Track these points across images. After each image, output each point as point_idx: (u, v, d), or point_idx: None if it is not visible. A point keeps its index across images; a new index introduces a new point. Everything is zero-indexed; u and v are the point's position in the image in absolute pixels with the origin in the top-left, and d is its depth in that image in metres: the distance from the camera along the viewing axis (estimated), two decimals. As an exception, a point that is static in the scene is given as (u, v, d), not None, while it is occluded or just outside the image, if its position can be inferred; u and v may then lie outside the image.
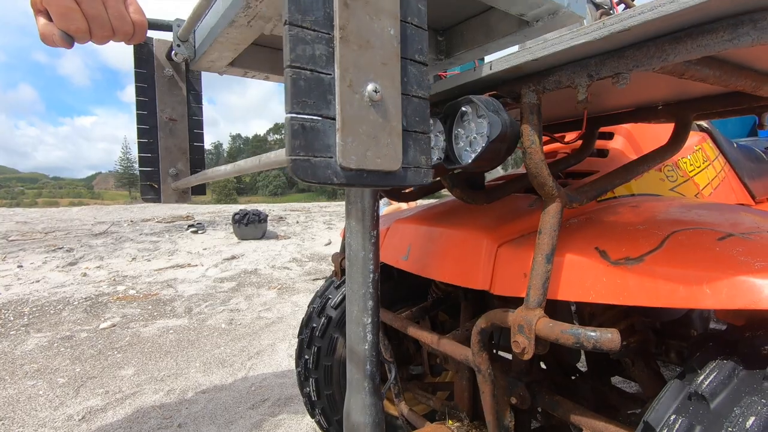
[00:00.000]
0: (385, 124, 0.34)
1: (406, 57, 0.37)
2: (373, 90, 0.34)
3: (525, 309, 0.56)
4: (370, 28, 0.34)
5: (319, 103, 0.31)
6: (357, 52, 0.33)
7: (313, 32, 0.31)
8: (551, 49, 0.45)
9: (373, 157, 0.34)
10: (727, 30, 0.36)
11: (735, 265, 0.47)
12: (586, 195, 0.60)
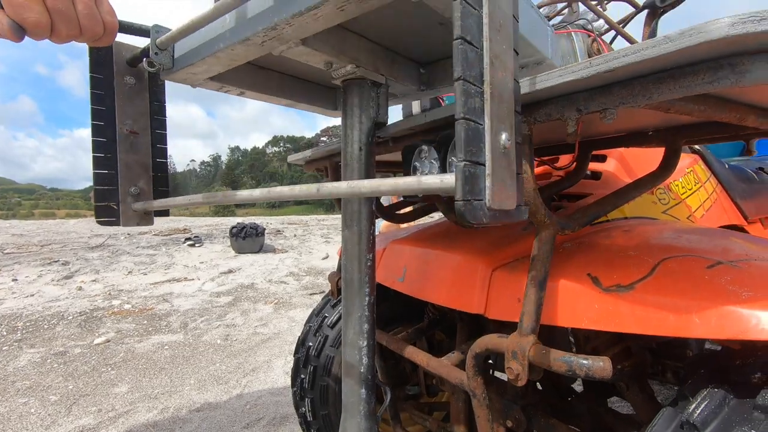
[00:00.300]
0: (508, 168, 0.39)
1: (514, 109, 0.42)
2: (507, 139, 0.38)
3: (519, 335, 0.57)
4: (502, 82, 0.38)
5: (477, 152, 0.36)
6: (497, 103, 0.38)
7: (474, 87, 0.35)
8: (541, 85, 0.47)
9: (505, 199, 0.38)
10: (708, 73, 0.37)
11: (723, 295, 0.48)
12: (578, 222, 0.61)
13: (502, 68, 0.38)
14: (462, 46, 0.34)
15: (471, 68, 0.35)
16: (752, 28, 0.31)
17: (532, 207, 0.56)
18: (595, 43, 1.03)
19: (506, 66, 0.39)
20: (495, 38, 0.37)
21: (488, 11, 0.36)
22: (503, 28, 0.39)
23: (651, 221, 0.84)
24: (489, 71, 0.36)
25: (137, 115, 0.76)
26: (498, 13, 0.38)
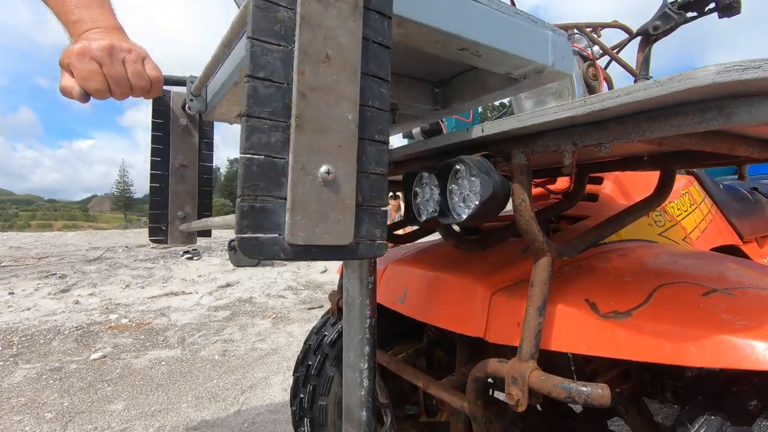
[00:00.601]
0: (337, 201, 0.37)
1: (365, 138, 0.39)
2: (326, 171, 0.36)
3: (518, 361, 0.57)
4: (327, 114, 0.36)
5: (270, 186, 0.34)
6: (312, 137, 0.36)
7: (270, 122, 0.34)
8: (538, 119, 0.48)
9: (322, 233, 0.36)
10: (696, 114, 0.39)
11: (718, 324, 0.49)
12: (576, 248, 0.62)
13: (332, 100, 0.37)
14: (251, 83, 0.34)
15: (264, 104, 0.34)
16: (737, 76, 0.33)
17: (530, 235, 0.57)
18: (591, 68, 1.05)
19: (341, 96, 0.37)
20: (316, 71, 0.36)
21: (300, 45, 0.35)
22: (336, 58, 0.37)
23: (647, 244, 0.85)
24: (298, 105, 0.35)
25: (187, 151, 0.86)
26: (321, 44, 0.36)
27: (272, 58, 0.34)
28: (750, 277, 0.63)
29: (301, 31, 0.34)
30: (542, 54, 0.62)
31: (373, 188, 0.39)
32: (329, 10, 0.35)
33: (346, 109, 0.37)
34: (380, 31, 0.39)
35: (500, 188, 0.53)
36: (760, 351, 0.45)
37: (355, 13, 0.37)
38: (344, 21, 0.36)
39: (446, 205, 0.60)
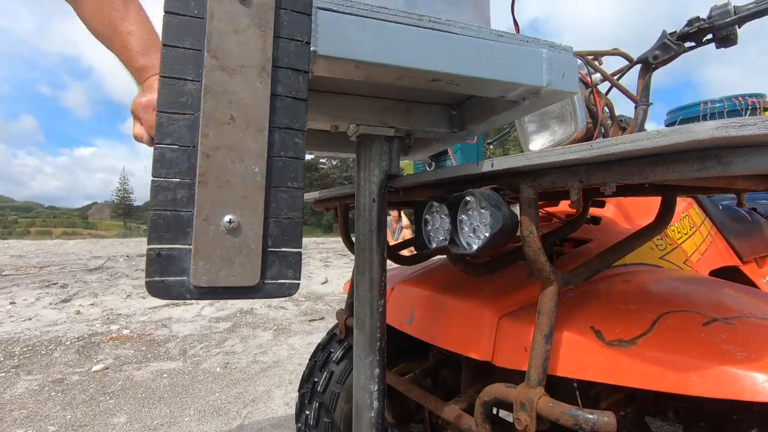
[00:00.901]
0: (241, 247, 0.39)
1: (275, 186, 0.42)
2: (228, 221, 0.39)
3: (527, 387, 0.59)
4: (231, 170, 0.39)
5: (176, 236, 0.37)
6: (215, 191, 0.38)
7: (176, 180, 0.37)
8: (545, 159, 0.51)
9: (226, 276, 0.39)
10: (696, 162, 0.41)
11: (719, 354, 0.51)
12: (581, 276, 0.65)
13: (236, 156, 0.39)
14: (158, 149, 0.37)
15: (170, 166, 0.37)
16: (734, 132, 0.36)
17: (538, 265, 0.59)
18: (592, 95, 1.09)
19: (245, 152, 0.40)
20: (220, 132, 0.39)
21: (204, 112, 0.38)
22: (241, 118, 0.40)
23: (650, 269, 0.88)
24: (202, 164, 0.38)
25: None
26: (226, 108, 0.39)
27: (178, 126, 0.37)
28: (749, 305, 0.65)
29: (206, 100, 0.37)
30: (535, 74, 0.62)
31: (284, 232, 0.41)
32: (235, 77, 0.38)
33: (252, 163, 0.40)
34: (293, 85, 0.42)
35: (509, 221, 0.56)
36: (760, 383, 0.47)
37: (262, 74, 0.39)
38: (250, 84, 0.39)
39: (456, 235, 0.63)
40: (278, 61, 0.41)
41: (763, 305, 0.67)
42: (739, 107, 2.04)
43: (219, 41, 0.37)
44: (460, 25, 0.57)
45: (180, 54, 0.36)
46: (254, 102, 0.40)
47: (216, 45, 0.37)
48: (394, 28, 0.51)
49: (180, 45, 0.36)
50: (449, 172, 0.66)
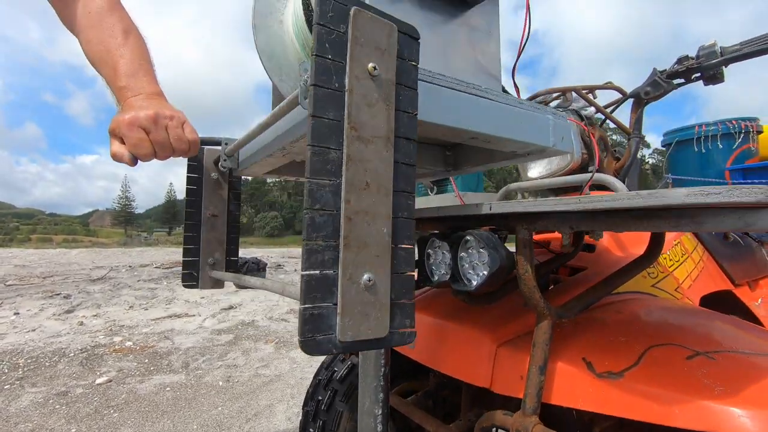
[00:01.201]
0: (375, 302, 0.44)
1: (396, 245, 0.46)
2: (367, 279, 0.43)
3: (522, 415, 0.63)
4: (367, 232, 0.44)
5: (325, 296, 0.41)
6: (356, 251, 0.43)
7: (324, 243, 0.41)
8: (539, 208, 0.56)
9: (365, 330, 0.43)
10: (672, 219, 0.46)
11: (700, 388, 0.56)
12: (573, 310, 0.69)
13: (370, 219, 0.44)
14: (309, 215, 0.40)
15: (319, 230, 0.41)
16: (701, 199, 0.41)
17: (533, 301, 0.64)
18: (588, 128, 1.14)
19: (377, 215, 0.45)
20: (358, 197, 0.43)
21: (346, 179, 0.42)
22: (374, 184, 0.44)
23: (641, 298, 0.92)
24: (345, 228, 0.42)
25: (218, 202, 0.93)
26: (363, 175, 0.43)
27: (325, 192, 0.41)
28: (731, 337, 0.70)
29: (347, 167, 0.42)
30: (544, 137, 0.70)
31: (403, 286, 0.46)
32: (369, 146, 0.43)
33: (381, 225, 0.44)
34: (408, 153, 0.47)
35: (506, 262, 0.61)
36: (737, 417, 0.51)
37: (388, 144, 0.44)
38: (380, 153, 0.44)
39: (457, 271, 0.67)
40: (398, 131, 0.46)
41: (744, 337, 0.71)
42: (733, 131, 2.09)
43: (356, 113, 0.42)
44: (494, 93, 0.63)
45: (325, 124, 0.40)
46: (383, 169, 0.45)
47: (354, 117, 0.42)
48: (449, 93, 0.57)
49: (325, 116, 0.40)
50: (451, 210, 0.71)
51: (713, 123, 2.15)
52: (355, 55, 0.42)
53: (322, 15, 0.41)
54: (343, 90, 0.42)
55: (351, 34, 0.42)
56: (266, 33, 0.81)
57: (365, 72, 0.42)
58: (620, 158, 1.19)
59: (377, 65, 0.43)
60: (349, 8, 0.41)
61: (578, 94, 1.15)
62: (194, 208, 0.91)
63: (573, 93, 1.15)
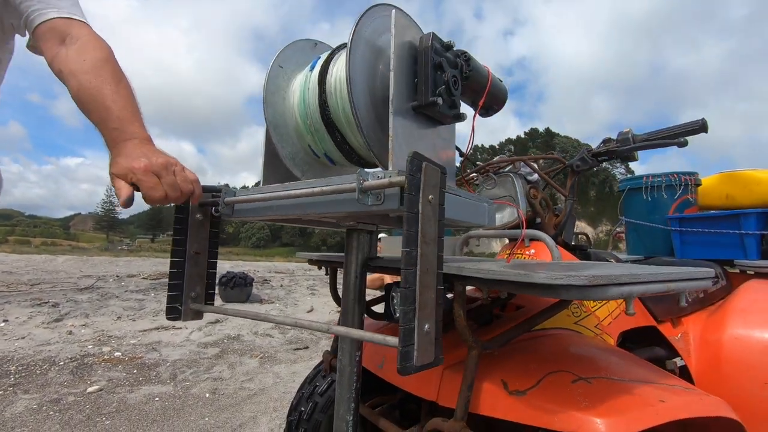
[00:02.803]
0: (430, 342, 0.70)
1: (437, 305, 0.72)
2: (428, 328, 0.69)
3: (454, 421, 0.87)
4: (426, 297, 0.68)
5: (410, 339, 0.65)
6: (423, 311, 0.67)
7: (408, 308, 0.65)
8: (465, 273, 0.80)
9: (426, 358, 0.68)
10: (539, 290, 0.71)
11: (574, 403, 0.79)
12: (497, 343, 0.93)
13: (427, 290, 0.68)
14: (403, 292, 0.65)
15: (407, 300, 0.64)
16: (552, 281, 0.65)
17: (464, 337, 0.88)
18: (533, 189, 1.41)
19: (430, 288, 0.69)
20: (423, 277, 0.67)
21: (420, 264, 0.66)
22: (429, 272, 0.68)
23: (560, 333, 1.17)
24: (419, 298, 0.66)
25: (201, 240, 1.06)
26: (425, 265, 0.67)
27: (410, 275, 0.64)
28: (611, 367, 0.94)
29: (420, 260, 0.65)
30: (481, 218, 0.95)
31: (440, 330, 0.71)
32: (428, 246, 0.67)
33: (432, 293, 0.69)
34: (441, 246, 0.71)
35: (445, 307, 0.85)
36: (593, 422, 0.75)
37: (437, 243, 0.70)
38: (433, 250, 0.69)
39: (412, 312, 0.91)
40: (440, 234, 0.71)
41: (622, 367, 0.96)
42: (674, 183, 2.39)
43: (423, 226, 0.66)
44: (459, 191, 0.88)
45: (411, 235, 0.64)
46: (434, 259, 0.69)
47: (423, 228, 0.66)
48: None
49: (410, 230, 0.64)
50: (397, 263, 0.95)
51: (659, 175, 2.46)
52: (424, 191, 0.67)
53: (410, 166, 0.65)
54: (418, 213, 0.66)
55: (423, 179, 0.66)
56: (273, 107, 1.06)
57: (427, 201, 0.67)
58: (559, 215, 1.46)
59: (433, 195, 0.68)
60: (422, 163, 0.66)
61: (525, 163, 1.41)
62: (180, 246, 1.02)
63: (521, 162, 1.41)
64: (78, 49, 0.85)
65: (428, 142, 0.91)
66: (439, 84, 0.85)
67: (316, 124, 0.98)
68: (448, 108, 0.89)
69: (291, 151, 1.04)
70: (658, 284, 0.78)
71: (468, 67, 0.92)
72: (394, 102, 0.81)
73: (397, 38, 0.82)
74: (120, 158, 0.77)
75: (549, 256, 1.31)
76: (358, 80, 0.83)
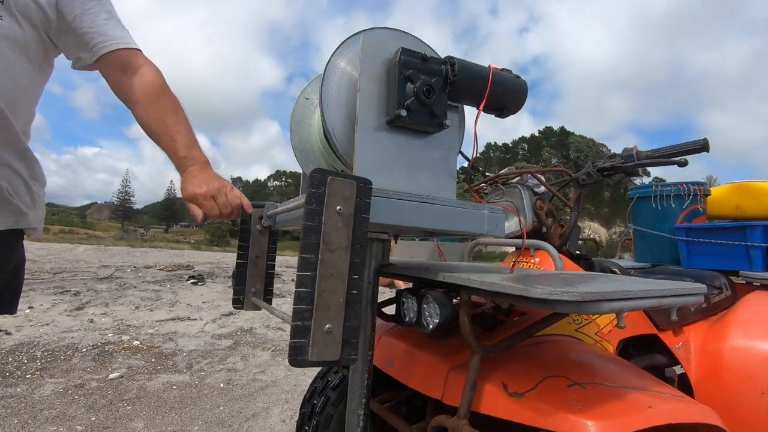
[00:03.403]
0: (331, 340, 0.75)
1: (347, 308, 0.79)
2: (328, 327, 0.76)
3: (457, 418, 0.94)
4: (330, 301, 0.76)
5: (305, 335, 0.72)
6: (323, 312, 0.73)
7: (304, 307, 0.73)
8: (469, 284, 0.87)
9: (325, 354, 0.74)
10: (536, 303, 0.78)
11: (569, 407, 0.86)
12: (499, 348, 1.00)
13: (331, 295, 0.73)
14: (299, 293, 0.72)
15: (304, 300, 0.71)
16: (546, 297, 0.72)
17: (468, 342, 0.95)
18: (539, 201, 1.47)
19: (336, 292, 0.74)
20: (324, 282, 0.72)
21: (320, 270, 0.74)
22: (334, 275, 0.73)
23: (561, 340, 1.23)
24: (317, 299, 0.72)
25: (261, 246, 1.22)
26: (326, 269, 0.75)
27: (308, 279, 0.71)
28: (606, 374, 1.01)
29: (320, 265, 0.71)
30: (479, 226, 1.01)
31: (351, 332, 0.76)
32: (334, 253, 0.74)
33: (339, 297, 0.75)
34: (358, 253, 0.77)
35: (450, 315, 0.93)
36: (584, 423, 0.82)
37: (347, 251, 0.75)
38: (341, 256, 0.73)
39: (420, 317, 0.99)
40: (354, 242, 0.77)
41: (617, 373, 1.02)
42: (683, 193, 2.43)
43: (327, 236, 0.73)
44: (441, 199, 0.95)
45: (309, 243, 0.71)
46: (342, 265, 0.75)
47: (326, 237, 0.73)
48: (408, 204, 0.89)
49: (309, 239, 0.71)
50: (420, 272, 1.03)
51: (668, 185, 2.49)
52: (329, 203, 0.74)
53: (311, 182, 0.72)
54: (321, 222, 0.73)
55: (327, 192, 0.73)
56: (299, 134, 1.15)
57: (334, 212, 0.74)
58: (564, 225, 1.52)
59: (342, 207, 0.75)
60: (326, 177, 0.73)
61: (533, 175, 1.48)
62: (244, 251, 1.21)
63: (529, 175, 1.48)
64: (138, 78, 1.02)
65: (416, 152, 0.97)
66: (408, 96, 0.90)
67: (326, 146, 1.07)
68: (427, 117, 0.92)
69: (315, 169, 1.13)
70: (649, 300, 0.85)
71: (453, 72, 0.93)
72: (363, 119, 0.88)
73: (367, 59, 0.89)
74: (188, 185, 0.98)
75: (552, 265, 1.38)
76: (333, 104, 0.91)
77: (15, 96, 1.02)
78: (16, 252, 1.14)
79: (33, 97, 1.09)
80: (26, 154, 1.06)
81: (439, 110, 0.94)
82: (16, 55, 1.00)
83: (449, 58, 0.96)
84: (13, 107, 1.00)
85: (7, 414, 2.40)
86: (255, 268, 1.21)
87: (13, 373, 2.99)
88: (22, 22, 0.98)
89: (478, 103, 1.00)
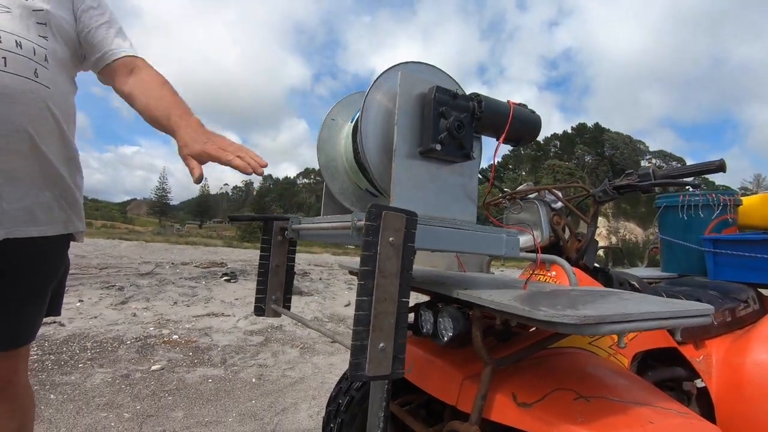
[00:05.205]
0: (384, 357, 0.85)
1: (397, 328, 0.88)
2: (382, 346, 0.84)
3: (469, 424, 1.02)
4: (384, 322, 0.84)
5: (363, 354, 0.81)
6: (378, 333, 0.82)
7: (362, 328, 0.83)
8: (481, 302, 0.95)
9: (379, 370, 0.84)
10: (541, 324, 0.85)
11: (572, 419, 0.93)
12: (510, 361, 1.08)
13: (384, 316, 0.80)
14: (358, 315, 0.81)
15: (362, 322, 0.78)
16: (549, 318, 0.79)
17: (480, 354, 1.03)
18: (556, 216, 1.52)
19: (389, 314, 0.81)
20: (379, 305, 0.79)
21: (377, 295, 0.80)
22: (387, 300, 0.81)
23: (572, 353, 1.29)
24: (373, 320, 0.79)
25: (281, 255, 1.33)
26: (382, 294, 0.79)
27: (366, 303, 0.80)
28: (613, 388, 1.06)
29: (376, 290, 0.81)
30: (498, 248, 1.08)
31: (399, 349, 0.85)
32: (386, 279, 0.84)
33: (391, 319, 0.82)
34: (406, 279, 0.86)
35: (463, 329, 1.01)
36: (585, 436, 0.89)
37: (397, 277, 0.85)
38: (392, 282, 0.83)
39: (436, 329, 1.07)
40: (403, 269, 0.86)
41: (624, 388, 1.08)
42: (712, 203, 2.39)
43: (382, 264, 0.81)
44: (466, 223, 1.03)
45: (367, 271, 0.79)
46: (393, 290, 0.83)
47: (381, 265, 0.81)
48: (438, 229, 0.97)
49: (366, 266, 0.79)
50: (437, 287, 1.12)
51: (697, 194, 2.45)
52: (383, 235, 0.83)
53: (368, 216, 0.81)
54: (377, 252, 0.82)
55: (382, 225, 0.83)
56: (325, 153, 1.25)
57: (387, 242, 0.83)
58: (581, 240, 1.56)
59: (394, 237, 0.84)
60: (381, 211, 0.82)
61: (550, 192, 1.53)
62: (265, 261, 1.31)
63: (546, 191, 1.53)
64: (144, 76, 1.16)
65: (444, 179, 1.06)
66: (441, 131, 0.99)
67: (353, 166, 1.16)
68: (456, 149, 1.02)
69: (341, 187, 1.23)
70: (651, 322, 0.90)
71: (480, 108, 1.02)
72: (399, 150, 0.97)
73: (404, 95, 0.97)
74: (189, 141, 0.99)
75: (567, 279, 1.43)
76: (371, 134, 1.00)
77: (68, 111, 1.18)
78: (65, 257, 1.30)
79: (75, 110, 1.25)
80: (76, 164, 1.22)
81: (467, 143, 1.03)
82: (62, 73, 1.16)
83: (475, 95, 1.04)
84: (67, 122, 1.16)
85: (64, 399, 2.64)
86: (275, 277, 1.31)
87: (67, 362, 3.26)
88: (61, 41, 1.14)
89: (498, 135, 1.08)
